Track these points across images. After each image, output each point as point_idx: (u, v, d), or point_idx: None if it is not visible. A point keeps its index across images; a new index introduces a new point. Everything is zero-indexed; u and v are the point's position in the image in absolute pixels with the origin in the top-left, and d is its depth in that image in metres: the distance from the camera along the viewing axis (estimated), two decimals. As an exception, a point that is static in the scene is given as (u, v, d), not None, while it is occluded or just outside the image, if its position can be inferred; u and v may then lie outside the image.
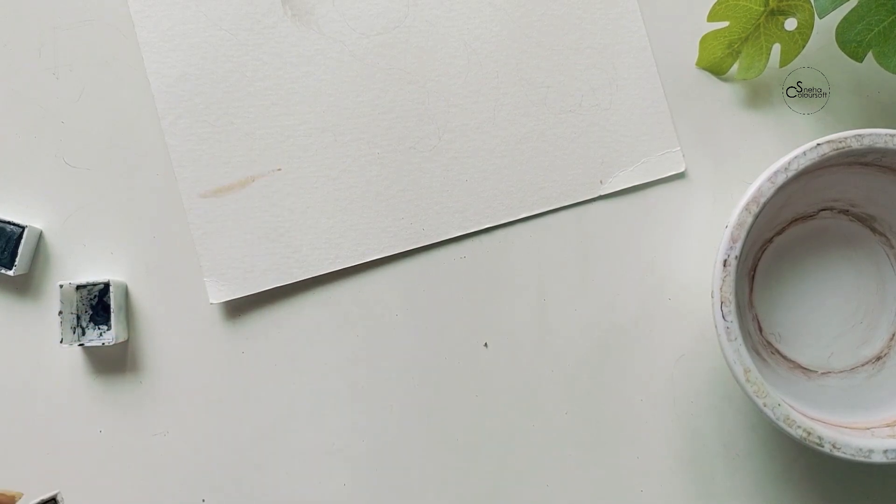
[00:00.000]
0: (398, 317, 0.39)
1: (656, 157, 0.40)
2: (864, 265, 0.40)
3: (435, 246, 0.40)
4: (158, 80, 0.39)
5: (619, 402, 0.40)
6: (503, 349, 0.40)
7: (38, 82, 0.39)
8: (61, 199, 0.39)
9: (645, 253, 0.40)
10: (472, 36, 0.40)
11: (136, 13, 0.39)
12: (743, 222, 0.33)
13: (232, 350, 0.39)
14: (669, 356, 0.40)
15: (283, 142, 0.39)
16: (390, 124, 0.40)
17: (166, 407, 0.39)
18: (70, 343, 0.37)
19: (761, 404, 0.33)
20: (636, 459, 0.40)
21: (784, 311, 0.39)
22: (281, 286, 0.39)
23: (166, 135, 0.39)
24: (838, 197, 0.39)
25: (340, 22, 0.40)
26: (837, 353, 0.39)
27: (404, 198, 0.39)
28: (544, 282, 0.40)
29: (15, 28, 0.39)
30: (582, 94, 0.40)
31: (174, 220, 0.39)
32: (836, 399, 0.38)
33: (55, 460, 0.39)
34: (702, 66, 0.41)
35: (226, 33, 0.39)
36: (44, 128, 0.39)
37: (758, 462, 0.40)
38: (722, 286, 0.33)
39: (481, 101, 0.40)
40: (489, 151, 0.40)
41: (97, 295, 0.38)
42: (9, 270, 0.37)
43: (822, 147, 0.34)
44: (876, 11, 0.35)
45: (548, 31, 0.40)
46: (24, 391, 0.39)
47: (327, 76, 0.39)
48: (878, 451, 0.33)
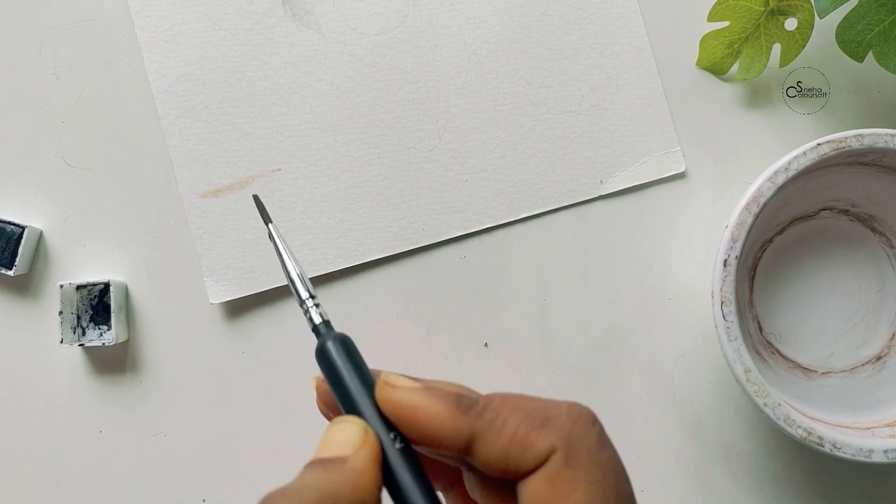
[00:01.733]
0: (398, 317, 0.39)
1: (656, 157, 0.40)
2: (864, 265, 0.40)
3: (435, 246, 0.40)
4: (158, 80, 0.39)
5: (619, 402, 0.40)
6: (503, 349, 0.40)
7: (38, 82, 0.39)
8: (61, 199, 0.39)
9: (645, 253, 0.40)
10: (472, 36, 0.40)
11: (136, 13, 0.39)
12: (743, 222, 0.33)
13: (232, 350, 0.39)
14: (669, 356, 0.40)
15: (283, 142, 0.39)
16: (390, 124, 0.40)
17: (166, 407, 0.39)
18: (70, 343, 0.37)
19: (761, 404, 0.33)
20: (636, 459, 0.40)
21: (784, 311, 0.39)
22: (281, 286, 0.39)
23: (166, 135, 0.39)
24: (838, 197, 0.39)
25: (340, 22, 0.40)
26: (838, 352, 0.39)
27: (404, 198, 0.39)
28: (544, 282, 0.40)
29: (15, 28, 0.39)
30: (582, 94, 0.40)
31: (174, 220, 0.39)
32: (837, 399, 0.38)
33: (55, 460, 0.39)
34: (702, 66, 0.41)
35: (226, 33, 0.39)
36: (44, 128, 0.39)
37: (758, 462, 0.40)
38: (722, 286, 0.33)
39: (481, 101, 0.40)
40: (489, 151, 0.40)
41: (97, 295, 0.38)
42: (9, 270, 0.37)
43: (822, 147, 0.34)
44: (876, 11, 0.35)
45: (548, 31, 0.40)
46: (24, 391, 0.39)
47: (327, 76, 0.39)
48: (878, 451, 0.33)
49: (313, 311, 0.28)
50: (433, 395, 0.24)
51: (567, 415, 0.23)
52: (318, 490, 0.22)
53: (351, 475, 0.23)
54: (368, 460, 0.23)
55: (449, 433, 0.24)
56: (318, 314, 0.28)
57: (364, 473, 0.23)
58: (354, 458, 0.23)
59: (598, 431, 0.23)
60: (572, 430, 0.23)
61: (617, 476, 0.23)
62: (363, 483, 0.23)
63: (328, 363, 0.27)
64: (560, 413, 0.23)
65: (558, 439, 0.22)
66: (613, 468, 0.23)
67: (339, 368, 0.27)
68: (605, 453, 0.23)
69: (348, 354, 0.27)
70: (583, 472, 0.22)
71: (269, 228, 0.30)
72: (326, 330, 0.28)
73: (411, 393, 0.25)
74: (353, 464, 0.23)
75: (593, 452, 0.22)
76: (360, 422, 0.25)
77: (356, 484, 0.23)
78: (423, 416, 0.24)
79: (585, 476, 0.22)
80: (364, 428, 0.25)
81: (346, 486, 0.23)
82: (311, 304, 0.28)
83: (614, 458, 0.23)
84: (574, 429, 0.23)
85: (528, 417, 0.23)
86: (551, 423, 0.23)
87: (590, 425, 0.23)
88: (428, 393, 0.25)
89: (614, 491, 0.22)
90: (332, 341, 0.28)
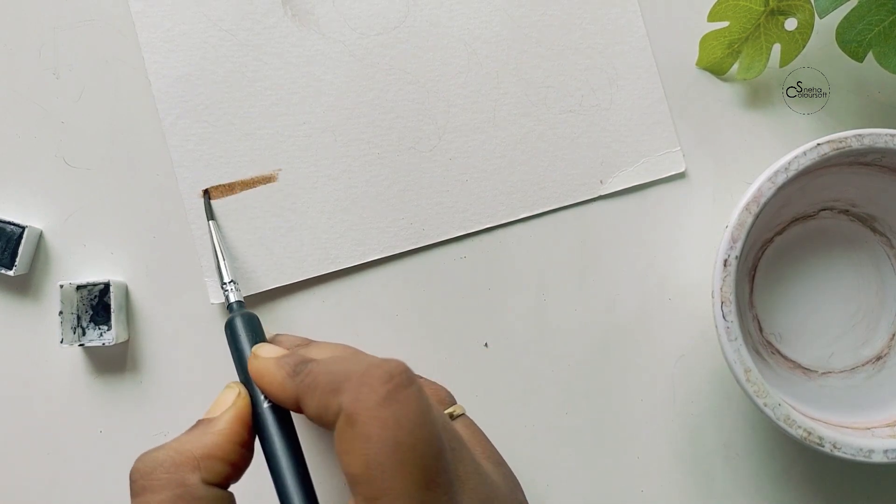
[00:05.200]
0: (398, 317, 0.39)
1: (656, 157, 0.40)
2: (864, 265, 0.40)
3: (435, 246, 0.40)
4: (158, 80, 0.39)
5: (619, 402, 0.40)
6: (503, 349, 0.40)
7: (38, 82, 0.39)
8: (61, 199, 0.39)
9: (645, 253, 0.40)
10: (472, 36, 0.40)
11: (137, 13, 0.39)
12: (743, 222, 0.33)
13: (232, 350, 0.39)
14: (669, 356, 0.40)
15: (283, 142, 0.39)
16: (390, 124, 0.40)
17: (166, 407, 0.39)
18: (70, 343, 0.37)
19: (761, 404, 0.33)
20: (636, 459, 0.40)
21: (784, 311, 0.39)
22: (281, 286, 0.39)
23: (166, 135, 0.39)
24: (838, 197, 0.39)
25: (340, 22, 0.40)
26: (838, 353, 0.39)
27: (404, 198, 0.39)
28: (544, 282, 0.40)
29: (15, 28, 0.39)
30: (582, 94, 0.40)
31: (174, 220, 0.39)
32: (837, 399, 0.38)
33: (55, 460, 0.39)
34: (702, 66, 0.41)
35: (226, 33, 0.39)
36: (44, 128, 0.39)
37: (758, 462, 0.40)
38: (722, 286, 0.33)
39: (481, 101, 0.40)
40: (489, 151, 0.40)
41: (97, 295, 0.38)
42: (9, 270, 0.37)
43: (822, 147, 0.34)
44: (876, 11, 0.35)
45: (548, 31, 0.40)
46: (24, 391, 0.39)
47: (327, 76, 0.39)
48: (878, 451, 0.33)
49: (231, 293, 0.34)
50: (277, 364, 0.29)
51: (360, 376, 0.25)
52: (172, 448, 0.27)
53: (207, 435, 0.28)
54: (229, 419, 0.29)
55: (281, 395, 0.28)
56: (234, 295, 0.34)
57: (221, 432, 0.28)
58: (219, 419, 0.29)
59: (388, 390, 0.24)
60: (358, 390, 0.24)
61: (399, 431, 0.24)
62: (216, 440, 0.28)
63: (230, 335, 0.32)
64: (355, 375, 0.25)
65: (345, 401, 0.24)
66: (400, 424, 0.24)
67: (237, 339, 0.32)
68: (389, 410, 0.24)
69: (249, 329, 0.32)
70: (362, 430, 0.24)
71: (209, 225, 0.37)
72: (237, 308, 0.34)
73: (261, 361, 0.29)
74: (216, 423, 0.28)
75: (374, 410, 0.24)
76: (237, 386, 0.30)
77: (207, 441, 0.28)
78: (266, 381, 0.29)
79: (365, 433, 0.24)
80: (237, 392, 0.30)
81: (197, 444, 0.27)
82: (231, 287, 0.35)
83: (402, 414, 0.24)
84: (360, 389, 0.24)
85: (331, 381, 0.26)
86: (344, 386, 0.25)
87: (378, 385, 0.24)
88: (275, 362, 0.29)
89: (393, 444, 0.23)
90: (238, 317, 0.32)
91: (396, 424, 0.24)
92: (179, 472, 0.27)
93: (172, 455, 0.27)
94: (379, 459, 0.23)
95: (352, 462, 0.24)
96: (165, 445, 0.28)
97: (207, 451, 0.27)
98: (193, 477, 0.27)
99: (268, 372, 0.29)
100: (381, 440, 0.23)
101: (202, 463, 0.27)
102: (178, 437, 0.28)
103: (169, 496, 0.26)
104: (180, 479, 0.26)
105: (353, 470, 0.24)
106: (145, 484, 0.26)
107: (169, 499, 0.26)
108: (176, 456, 0.27)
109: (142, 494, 0.26)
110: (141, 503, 0.26)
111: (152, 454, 0.27)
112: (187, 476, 0.27)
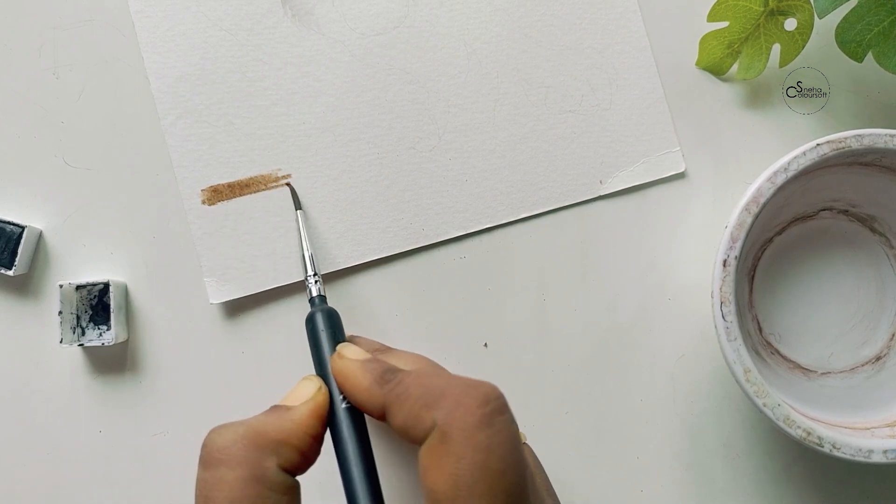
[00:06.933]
0: (398, 317, 0.39)
1: (656, 157, 0.40)
2: (864, 265, 0.40)
3: (435, 246, 0.40)
4: (158, 80, 0.39)
5: (619, 402, 0.40)
6: (503, 349, 0.40)
7: (38, 82, 0.39)
8: (61, 199, 0.39)
9: (645, 253, 0.40)
10: (472, 36, 0.40)
11: (136, 13, 0.39)
12: (743, 222, 0.33)
13: (232, 350, 0.39)
14: (669, 356, 0.40)
15: (283, 142, 0.39)
16: (390, 124, 0.40)
17: (166, 407, 0.39)
18: (70, 343, 0.37)
19: (761, 404, 0.33)
20: (636, 459, 0.40)
21: (784, 312, 0.39)
22: (281, 286, 0.39)
23: (166, 135, 0.39)
24: (838, 197, 0.39)
25: (340, 22, 0.40)
26: (837, 353, 0.39)
27: (404, 198, 0.39)
28: (544, 282, 0.40)
29: (15, 28, 0.39)
30: (582, 94, 0.40)
31: (174, 220, 0.39)
32: (836, 399, 0.38)
33: (55, 460, 0.39)
34: (702, 66, 0.41)
35: (226, 33, 0.39)
36: (44, 128, 0.39)
37: (758, 462, 0.40)
38: (722, 286, 0.33)
39: (481, 101, 0.40)
40: (489, 151, 0.40)
41: (97, 295, 0.38)
42: (9, 270, 0.37)
43: (821, 147, 0.34)
44: (876, 11, 0.35)
45: (548, 31, 0.40)
46: (24, 391, 0.39)
47: (327, 76, 0.39)
48: (878, 451, 0.33)
49: (312, 286, 0.34)
50: (364, 368, 0.29)
51: (457, 395, 0.25)
52: (251, 427, 0.27)
53: (285, 421, 0.27)
54: (307, 412, 0.28)
55: (367, 401, 0.28)
56: (316, 289, 0.34)
57: (298, 422, 0.28)
58: (297, 409, 0.28)
59: (484, 414, 0.25)
60: (454, 409, 0.25)
61: (490, 455, 0.24)
62: (292, 428, 0.27)
63: (311, 330, 0.32)
64: (451, 393, 0.25)
65: (440, 417, 0.24)
66: (491, 449, 0.24)
67: (317, 335, 0.32)
68: (484, 434, 0.24)
69: (330, 325, 0.32)
70: (455, 449, 0.24)
71: (297, 214, 0.37)
72: (319, 303, 0.34)
73: (348, 363, 0.29)
74: (293, 412, 0.28)
75: (469, 432, 0.24)
76: (318, 381, 0.30)
77: (284, 428, 0.27)
78: (351, 384, 0.29)
79: (457, 453, 0.24)
80: (318, 387, 0.29)
81: (274, 428, 0.27)
82: (313, 280, 0.34)
83: (495, 440, 0.24)
84: (457, 409, 0.25)
85: (425, 395, 0.26)
86: (439, 402, 0.25)
87: (475, 407, 0.25)
88: (361, 365, 0.29)
89: (483, 468, 0.24)
90: (320, 312, 0.32)
91: (489, 449, 0.24)
92: (259, 452, 0.26)
93: (252, 434, 0.26)
94: (467, 481, 0.23)
95: (438, 479, 0.24)
96: (244, 422, 0.27)
97: (285, 437, 0.27)
98: (271, 460, 0.26)
99: (353, 375, 0.28)
100: (472, 462, 0.24)
101: (279, 448, 0.27)
102: (256, 416, 0.28)
103: (245, 475, 0.25)
104: (258, 460, 0.26)
105: (439, 486, 0.24)
106: (221, 457, 0.26)
107: (245, 477, 0.25)
108: (255, 436, 0.26)
109: (216, 468, 0.26)
110: (214, 477, 0.25)
111: (231, 427, 0.27)
112: (265, 457, 0.26)
